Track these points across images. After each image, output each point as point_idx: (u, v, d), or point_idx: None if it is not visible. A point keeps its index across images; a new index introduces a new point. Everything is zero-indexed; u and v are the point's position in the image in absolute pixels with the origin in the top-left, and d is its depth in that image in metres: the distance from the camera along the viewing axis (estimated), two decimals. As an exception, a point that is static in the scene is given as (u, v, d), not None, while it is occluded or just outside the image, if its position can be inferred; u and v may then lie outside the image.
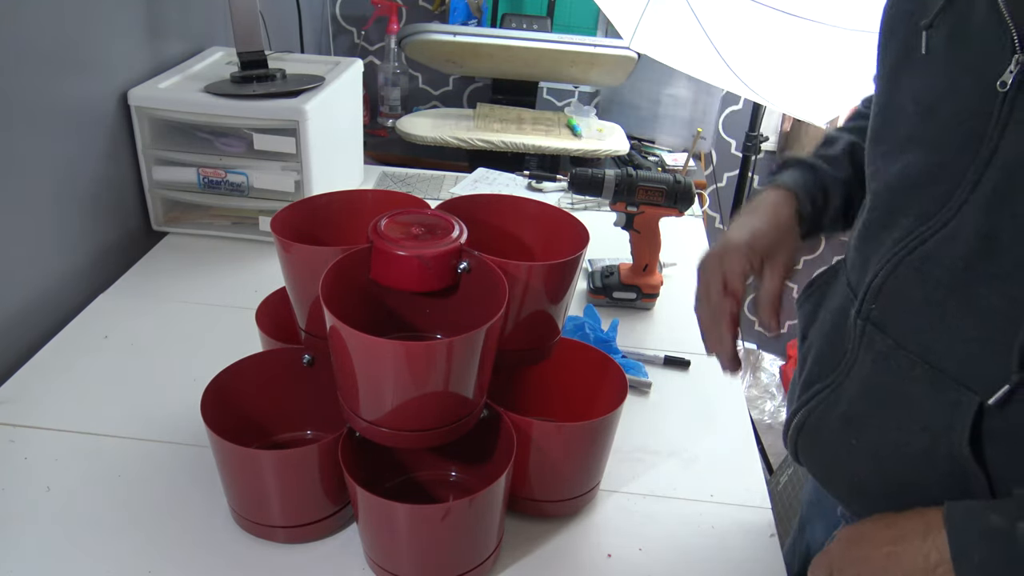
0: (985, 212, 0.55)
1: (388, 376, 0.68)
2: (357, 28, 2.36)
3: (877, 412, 0.65)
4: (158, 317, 1.14)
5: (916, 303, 0.60)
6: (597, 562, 0.80)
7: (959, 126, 0.58)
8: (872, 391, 0.65)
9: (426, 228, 0.76)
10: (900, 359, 0.62)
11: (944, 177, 0.58)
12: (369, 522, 0.73)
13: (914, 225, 0.61)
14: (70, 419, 0.93)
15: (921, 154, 0.61)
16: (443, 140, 1.85)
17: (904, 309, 0.62)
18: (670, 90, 2.10)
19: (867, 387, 0.66)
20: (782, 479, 1.57)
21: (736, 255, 0.74)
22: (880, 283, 0.63)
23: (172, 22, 1.38)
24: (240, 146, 1.29)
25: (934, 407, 0.60)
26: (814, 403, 0.71)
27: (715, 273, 0.75)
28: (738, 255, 0.74)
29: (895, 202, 0.63)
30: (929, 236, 0.59)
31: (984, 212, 0.56)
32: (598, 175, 1.19)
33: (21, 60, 1.01)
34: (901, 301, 0.62)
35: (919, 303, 0.60)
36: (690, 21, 1.61)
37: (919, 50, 0.61)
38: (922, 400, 0.61)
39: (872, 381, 0.65)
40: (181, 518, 0.81)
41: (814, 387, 0.71)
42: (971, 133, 0.56)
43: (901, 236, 0.62)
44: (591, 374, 0.89)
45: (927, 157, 0.60)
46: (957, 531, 0.55)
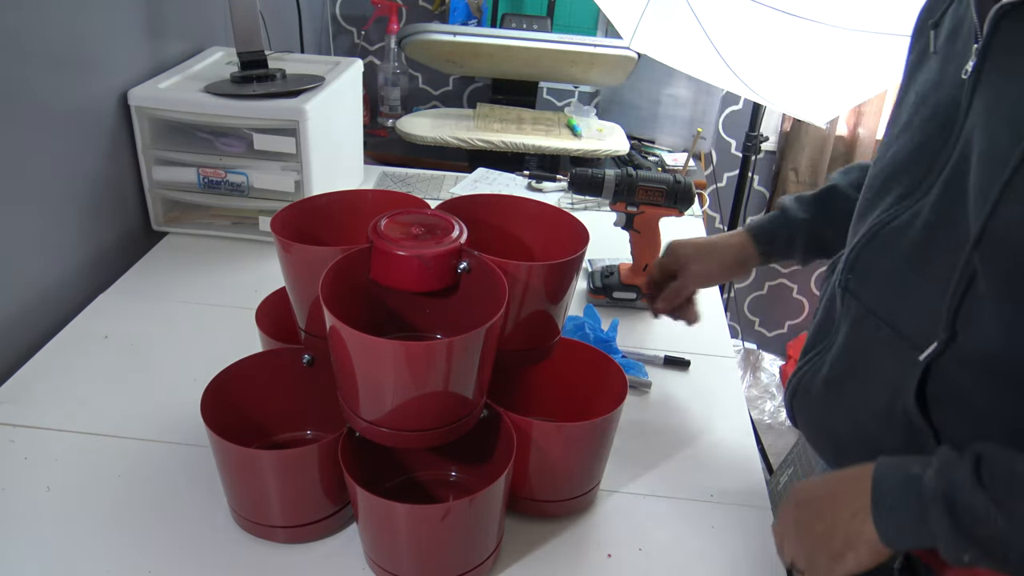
0: (944, 188, 0.61)
1: (388, 376, 0.68)
2: (357, 28, 2.36)
3: (852, 374, 0.71)
4: (158, 317, 1.14)
5: (883, 272, 0.67)
6: (597, 562, 0.80)
7: (937, 114, 0.63)
8: (848, 354, 0.72)
9: (426, 228, 0.76)
10: (870, 323, 0.69)
11: (922, 159, 0.64)
12: (369, 522, 0.73)
13: (893, 203, 0.67)
14: (70, 419, 0.93)
15: (909, 139, 0.67)
16: (443, 140, 1.85)
17: (874, 277, 0.68)
18: (670, 90, 2.10)
19: (844, 351, 0.72)
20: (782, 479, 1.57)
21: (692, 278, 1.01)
22: (856, 255, 0.70)
23: (172, 22, 1.38)
24: (240, 146, 1.29)
25: (894, 367, 0.66)
26: (806, 368, 0.78)
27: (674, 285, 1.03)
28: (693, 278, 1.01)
29: (883, 184, 0.69)
30: (903, 212, 0.66)
31: (943, 188, 0.62)
32: (598, 175, 1.19)
33: (21, 60, 1.01)
34: (871, 270, 0.69)
35: (886, 272, 0.67)
36: (690, 21, 1.61)
37: (930, 48, 0.67)
38: (885, 361, 0.67)
39: (848, 345, 0.72)
40: (181, 518, 0.81)
41: (808, 354, 0.79)
42: (946, 119, 0.62)
43: (880, 212, 0.68)
44: (591, 374, 0.89)
45: (912, 141, 0.66)
46: (880, 478, 0.61)
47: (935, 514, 0.56)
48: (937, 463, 0.58)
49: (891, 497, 0.59)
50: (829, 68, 1.52)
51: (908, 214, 0.65)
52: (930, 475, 0.57)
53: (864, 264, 0.69)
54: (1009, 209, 0.54)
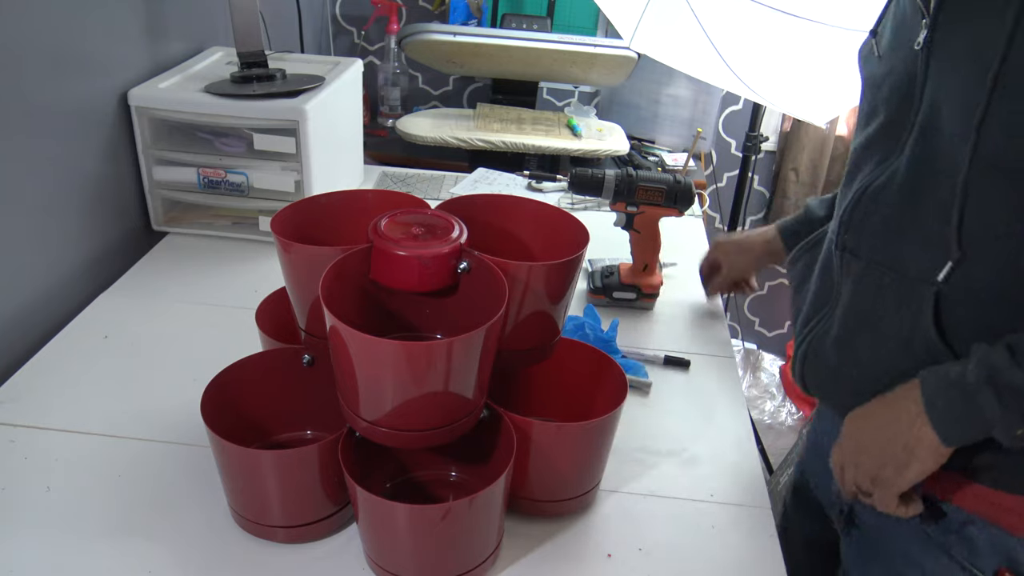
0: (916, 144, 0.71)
1: (388, 376, 0.68)
2: (357, 28, 2.36)
3: (864, 327, 0.77)
4: (158, 317, 1.14)
5: (877, 224, 0.75)
6: (597, 562, 0.80)
7: (895, 92, 0.73)
8: (856, 310, 0.78)
9: (426, 228, 0.76)
10: (873, 274, 0.75)
11: (891, 133, 0.74)
12: (369, 522, 0.73)
13: (872, 169, 0.76)
14: (70, 419, 0.93)
15: (875, 121, 0.76)
16: (443, 140, 1.85)
17: (869, 231, 0.76)
18: (670, 90, 2.10)
19: (852, 308, 0.78)
20: (782, 479, 1.57)
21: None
22: (848, 216, 0.78)
23: (172, 22, 1.38)
24: (240, 146, 1.29)
25: (906, 308, 0.72)
26: (812, 334, 0.83)
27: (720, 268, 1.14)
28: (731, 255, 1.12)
29: (861, 157, 0.78)
30: (882, 173, 0.74)
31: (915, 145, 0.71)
32: (598, 175, 1.19)
33: (21, 60, 1.01)
34: (865, 225, 0.76)
35: (879, 223, 0.75)
36: (690, 21, 1.61)
37: (875, 54, 0.79)
38: (895, 305, 0.73)
39: (855, 302, 0.78)
40: (181, 518, 0.81)
41: (811, 322, 0.84)
42: (905, 93, 0.72)
43: (862, 178, 0.77)
44: (591, 374, 0.89)
45: (878, 120, 0.76)
46: (926, 385, 0.68)
47: (984, 399, 0.64)
48: (974, 357, 0.65)
49: (941, 398, 0.67)
50: (829, 68, 1.52)
51: (888, 172, 0.74)
52: (971, 368, 0.65)
53: (857, 222, 0.77)
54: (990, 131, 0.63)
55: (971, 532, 0.75)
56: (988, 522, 0.74)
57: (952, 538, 0.76)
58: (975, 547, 0.74)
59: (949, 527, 0.76)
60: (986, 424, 0.65)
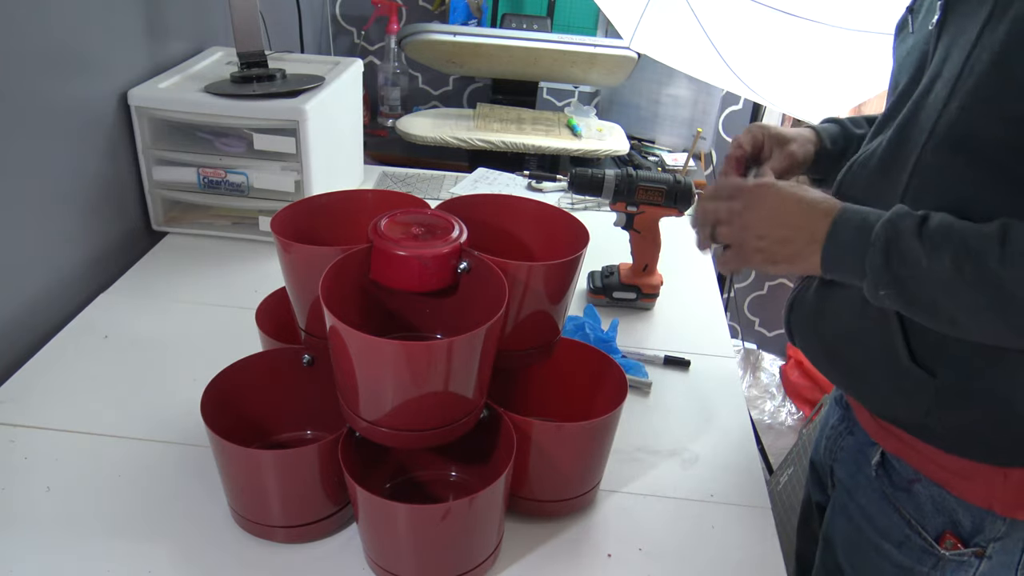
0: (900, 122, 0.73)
1: (388, 376, 0.68)
2: (357, 28, 2.36)
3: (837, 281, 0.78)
4: (158, 317, 1.14)
5: (860, 189, 0.78)
6: (597, 562, 0.80)
7: (911, 68, 0.75)
8: None
9: (426, 228, 0.76)
10: None
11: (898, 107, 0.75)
12: (369, 522, 0.73)
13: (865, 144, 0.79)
14: (70, 419, 0.93)
15: (892, 93, 0.79)
16: (443, 140, 1.85)
17: (853, 196, 0.76)
18: (670, 90, 2.10)
19: None
20: (782, 479, 1.57)
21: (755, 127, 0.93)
22: (839, 185, 0.81)
23: (172, 22, 1.38)
24: (240, 146, 1.29)
25: None
26: (801, 285, 0.86)
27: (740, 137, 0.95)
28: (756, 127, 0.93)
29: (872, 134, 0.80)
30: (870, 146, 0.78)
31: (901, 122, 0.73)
32: (598, 175, 1.19)
33: (21, 60, 1.01)
34: (849, 194, 0.77)
35: (862, 188, 0.77)
36: (690, 21, 1.61)
37: (908, 29, 0.80)
38: None
39: None
40: (181, 518, 0.81)
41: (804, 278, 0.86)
42: (916, 71, 0.74)
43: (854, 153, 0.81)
44: (591, 374, 0.89)
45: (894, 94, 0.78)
46: (841, 218, 0.70)
47: (872, 253, 0.67)
48: (891, 214, 0.67)
49: (845, 234, 0.69)
50: (829, 68, 1.52)
51: (875, 143, 0.77)
52: (881, 222, 0.67)
53: (844, 189, 0.80)
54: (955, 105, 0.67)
55: (917, 489, 0.77)
56: (932, 481, 0.76)
57: (901, 495, 0.79)
58: (920, 505, 0.77)
59: (899, 484, 0.79)
60: (862, 274, 0.68)
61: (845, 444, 0.89)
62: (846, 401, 0.90)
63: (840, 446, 0.89)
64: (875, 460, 0.82)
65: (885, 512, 0.81)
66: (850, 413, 0.89)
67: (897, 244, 0.66)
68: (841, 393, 0.92)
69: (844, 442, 0.89)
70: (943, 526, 0.76)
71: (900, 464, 0.79)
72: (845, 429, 0.89)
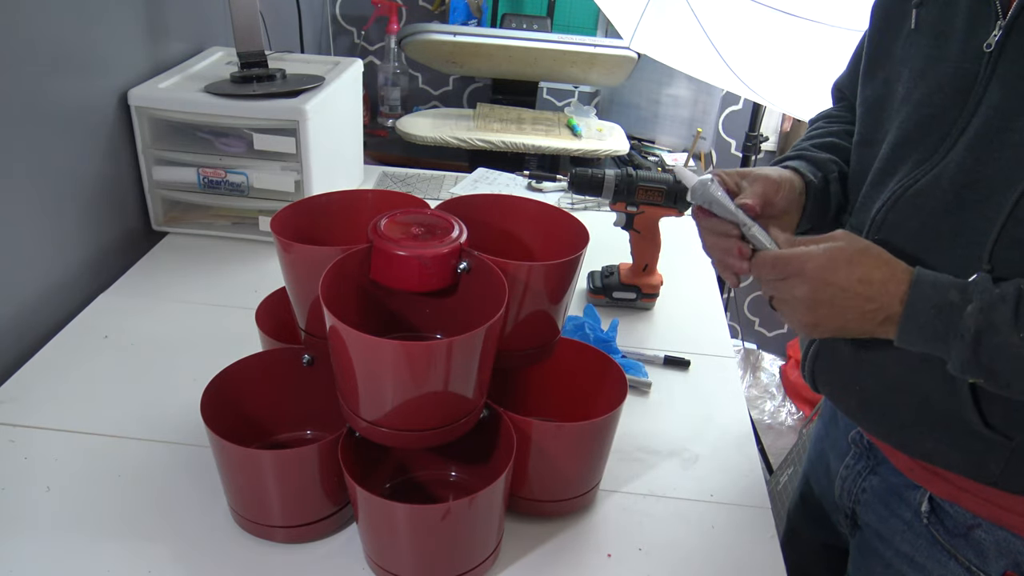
0: (969, 151, 0.66)
1: (388, 376, 0.68)
2: (357, 28, 2.36)
3: None
4: (158, 317, 1.14)
5: (912, 229, 0.70)
6: (597, 562, 0.80)
7: (946, 85, 0.68)
8: None
9: (426, 228, 0.76)
10: None
11: (935, 128, 0.68)
12: (369, 522, 0.73)
13: (911, 169, 0.70)
14: (70, 419, 0.93)
15: (914, 111, 0.71)
16: (443, 140, 1.85)
17: (902, 235, 0.71)
18: (670, 90, 2.10)
19: None
20: (782, 479, 1.57)
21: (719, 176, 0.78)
22: (883, 216, 0.72)
23: (172, 22, 1.38)
24: (240, 146, 1.29)
25: None
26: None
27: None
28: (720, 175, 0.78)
29: (895, 154, 0.72)
30: (922, 176, 0.69)
31: (968, 151, 0.66)
32: (598, 175, 1.19)
33: (21, 60, 1.01)
34: (900, 229, 0.71)
35: (915, 229, 0.70)
36: (690, 21, 1.61)
37: (909, 25, 0.73)
38: None
39: None
40: (181, 518, 0.81)
41: None
42: (957, 91, 0.67)
43: (900, 178, 0.71)
44: (591, 374, 0.89)
45: (919, 112, 0.70)
46: (918, 296, 0.64)
47: (963, 345, 0.61)
48: (980, 300, 0.61)
49: (925, 317, 0.63)
50: (829, 68, 1.52)
51: (930, 176, 0.68)
52: (971, 311, 0.61)
53: (892, 225, 0.72)
54: None
55: (978, 535, 0.73)
56: (996, 525, 0.72)
57: (959, 541, 0.74)
58: (982, 551, 0.73)
59: (956, 530, 0.74)
60: (947, 357, 0.63)
61: (869, 485, 0.83)
62: (865, 439, 0.84)
63: (862, 487, 0.84)
64: (924, 507, 0.76)
65: (939, 560, 0.76)
66: (873, 452, 0.83)
67: (992, 338, 0.60)
68: (858, 432, 0.85)
69: (867, 483, 0.83)
70: (1005, 567, 0.72)
71: (954, 509, 0.74)
72: (865, 468, 0.84)
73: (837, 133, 0.89)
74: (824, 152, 0.86)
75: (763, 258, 0.71)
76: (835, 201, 0.84)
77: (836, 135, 0.88)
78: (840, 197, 0.85)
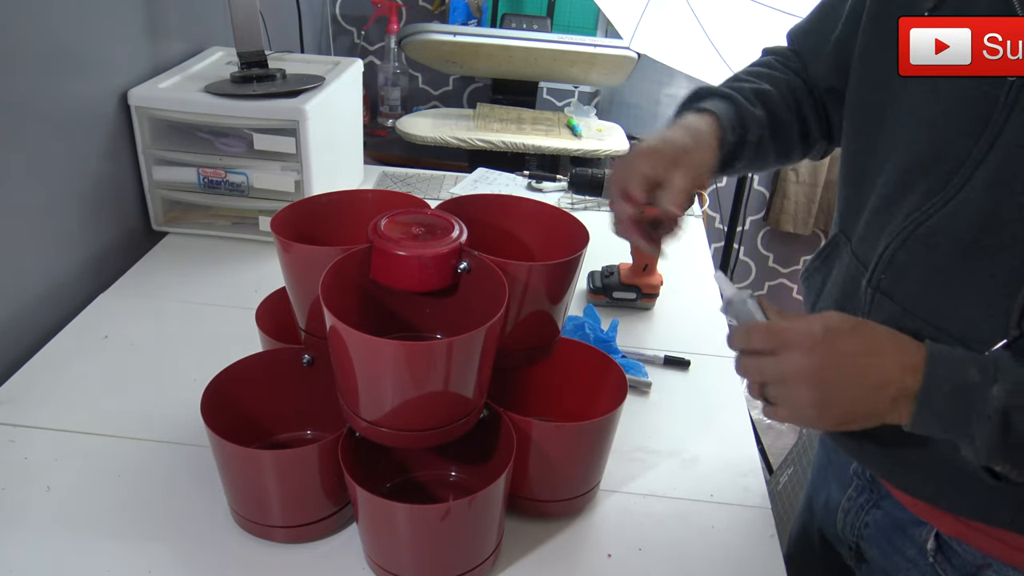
0: (987, 190, 0.58)
1: (388, 376, 0.68)
2: (357, 28, 2.36)
3: None
4: (158, 317, 1.14)
5: (924, 273, 0.63)
6: (597, 562, 0.80)
7: (963, 109, 0.60)
8: None
9: (426, 228, 0.76)
10: (908, 324, 0.64)
11: (949, 156, 0.61)
12: (369, 522, 0.73)
13: (921, 201, 0.63)
14: (70, 419, 0.93)
15: (926, 133, 0.63)
16: (443, 140, 1.85)
17: (912, 278, 0.64)
18: (670, 90, 2.10)
19: None
20: (782, 479, 1.57)
21: (640, 158, 0.73)
22: (891, 255, 0.66)
23: (172, 22, 1.38)
24: (240, 146, 1.29)
25: None
26: None
27: (618, 179, 0.75)
28: (641, 158, 0.73)
29: (904, 179, 0.65)
30: (934, 212, 0.62)
31: (987, 190, 0.58)
32: (598, 175, 1.19)
33: (21, 60, 1.01)
34: (910, 271, 0.65)
35: (927, 272, 0.63)
36: (690, 21, 1.61)
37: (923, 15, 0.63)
38: None
39: None
40: (181, 518, 0.81)
41: None
42: (976, 116, 0.59)
43: (910, 211, 0.64)
44: (591, 374, 0.89)
45: (932, 135, 0.63)
46: (934, 378, 0.57)
47: (988, 428, 0.55)
48: (1007, 381, 0.55)
49: (941, 401, 0.57)
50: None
51: (943, 213, 0.61)
52: (997, 392, 0.55)
53: (900, 264, 0.65)
54: None
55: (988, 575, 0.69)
56: (1007, 564, 0.67)
57: None
58: None
59: (964, 569, 0.70)
60: (968, 443, 0.57)
61: (872, 520, 0.79)
62: (868, 471, 0.79)
63: (865, 522, 0.80)
64: (930, 545, 0.71)
65: None
66: (876, 485, 0.79)
67: (1018, 430, 0.54)
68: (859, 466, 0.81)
69: (870, 517, 0.79)
70: None
71: (963, 548, 0.70)
72: (868, 502, 0.80)
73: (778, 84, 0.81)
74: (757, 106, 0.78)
75: (753, 328, 0.63)
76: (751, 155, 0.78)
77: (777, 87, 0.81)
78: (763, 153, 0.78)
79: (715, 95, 0.79)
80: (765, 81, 0.82)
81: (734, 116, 0.76)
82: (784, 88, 0.82)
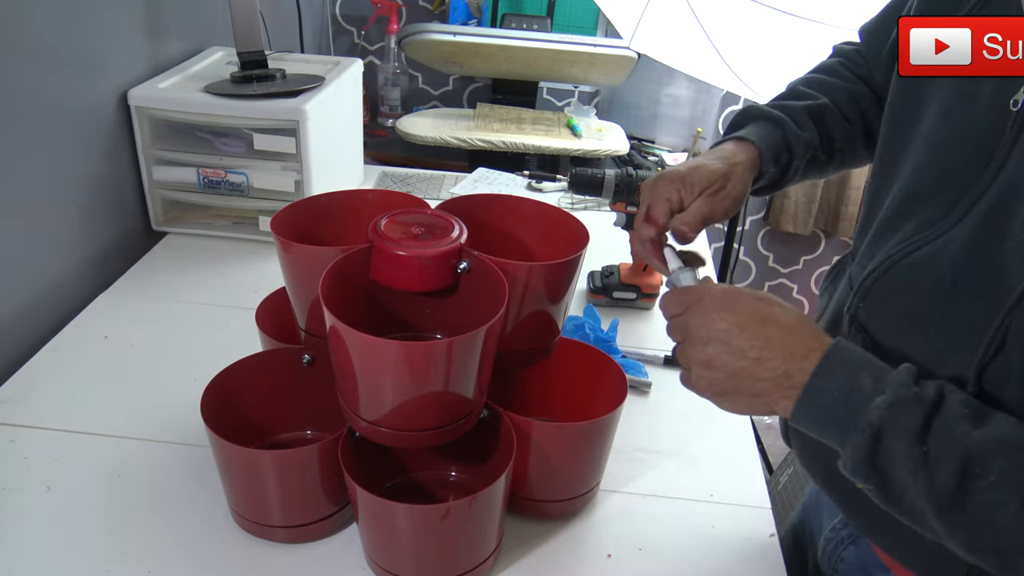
0: (977, 230, 0.55)
1: (388, 376, 0.68)
2: (357, 28, 2.36)
3: None
4: (158, 317, 1.14)
5: (899, 307, 0.61)
6: (597, 562, 0.80)
7: (970, 137, 0.57)
8: None
9: (426, 228, 0.76)
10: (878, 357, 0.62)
11: (950, 186, 0.58)
12: (369, 522, 0.73)
13: (914, 231, 0.61)
14: (70, 419, 0.93)
15: (933, 158, 0.61)
16: (443, 140, 1.85)
17: (886, 312, 0.62)
18: (670, 90, 2.10)
19: None
20: (782, 479, 1.57)
21: (665, 183, 0.73)
22: (870, 284, 0.64)
23: (172, 22, 1.38)
24: (240, 146, 1.29)
25: None
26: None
27: (644, 199, 0.75)
28: (667, 183, 0.73)
29: (903, 206, 0.63)
30: (923, 244, 0.59)
31: (975, 229, 0.56)
32: (598, 175, 1.19)
33: (21, 60, 1.01)
34: (885, 304, 0.62)
35: (902, 307, 0.61)
36: (690, 21, 1.61)
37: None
38: None
39: None
40: (181, 518, 0.81)
41: None
42: (981, 147, 0.56)
43: (900, 240, 0.62)
44: (591, 374, 0.89)
45: (937, 163, 0.60)
46: (825, 371, 0.54)
47: (859, 440, 0.52)
48: (892, 395, 0.52)
49: (827, 397, 0.54)
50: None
51: (930, 248, 0.59)
52: (879, 405, 0.52)
53: (877, 296, 0.63)
54: None
55: None
56: None
57: None
58: None
59: None
60: (840, 449, 0.55)
61: (847, 555, 0.77)
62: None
63: (840, 556, 0.77)
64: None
65: None
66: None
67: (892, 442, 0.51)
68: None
69: (846, 552, 0.77)
70: None
71: None
72: (848, 538, 0.77)
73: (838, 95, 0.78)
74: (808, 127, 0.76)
75: (669, 293, 0.64)
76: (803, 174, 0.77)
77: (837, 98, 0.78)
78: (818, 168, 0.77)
79: (763, 117, 0.77)
80: (824, 92, 0.79)
81: (779, 142, 0.75)
82: (844, 99, 0.79)
